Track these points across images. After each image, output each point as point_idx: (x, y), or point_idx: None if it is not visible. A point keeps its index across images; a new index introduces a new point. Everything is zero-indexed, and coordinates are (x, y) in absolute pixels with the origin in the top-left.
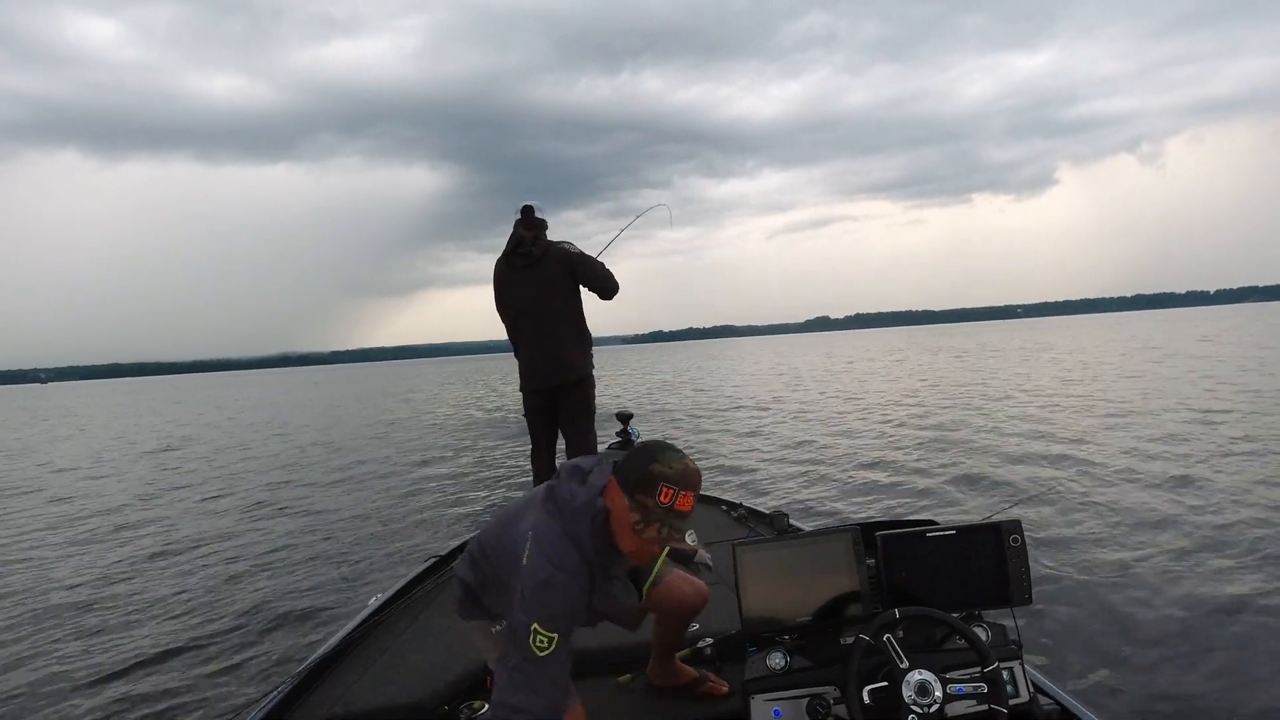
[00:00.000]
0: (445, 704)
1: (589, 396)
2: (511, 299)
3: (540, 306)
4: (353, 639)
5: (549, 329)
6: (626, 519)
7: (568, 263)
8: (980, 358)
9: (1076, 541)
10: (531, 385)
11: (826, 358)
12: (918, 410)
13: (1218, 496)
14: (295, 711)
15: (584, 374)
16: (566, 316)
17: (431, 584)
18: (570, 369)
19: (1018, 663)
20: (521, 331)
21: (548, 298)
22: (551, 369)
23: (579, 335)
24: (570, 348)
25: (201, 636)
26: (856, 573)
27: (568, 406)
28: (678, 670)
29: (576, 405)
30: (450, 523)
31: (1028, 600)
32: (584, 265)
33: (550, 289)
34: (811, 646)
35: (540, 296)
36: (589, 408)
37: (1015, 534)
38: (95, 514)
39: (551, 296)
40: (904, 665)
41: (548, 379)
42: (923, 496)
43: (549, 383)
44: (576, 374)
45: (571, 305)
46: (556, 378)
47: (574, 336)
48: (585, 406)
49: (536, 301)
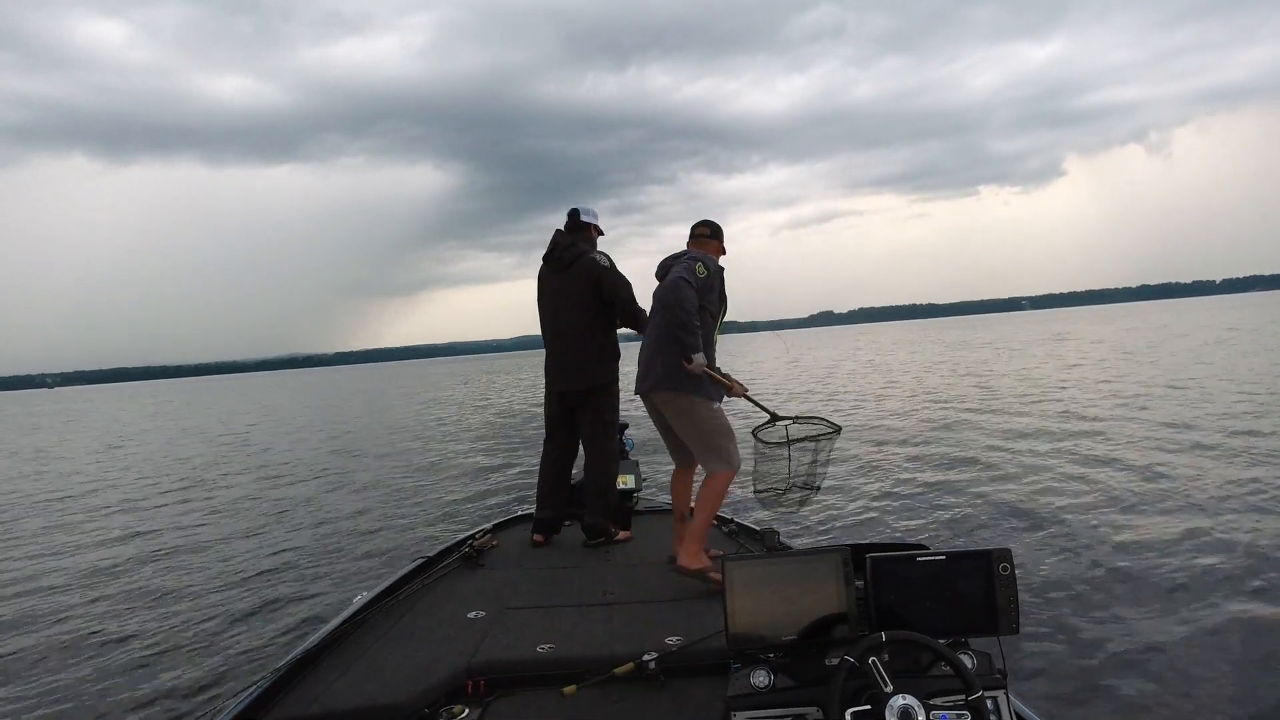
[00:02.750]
0: (426, 707)
1: (604, 407)
2: (542, 299)
3: (562, 310)
4: (335, 637)
5: (566, 334)
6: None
7: (594, 273)
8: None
9: (1069, 572)
10: (548, 386)
11: (852, 351)
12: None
13: (1231, 521)
14: (273, 709)
15: (599, 383)
16: (587, 324)
17: (418, 584)
18: (582, 376)
19: (1002, 692)
20: (545, 332)
21: (570, 303)
22: (564, 374)
23: (598, 344)
24: (586, 355)
25: (182, 632)
26: (844, 594)
27: (583, 414)
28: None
29: (590, 413)
30: (440, 524)
31: (1015, 630)
32: (609, 281)
33: (573, 295)
34: (796, 666)
35: (564, 301)
36: (604, 418)
37: (1005, 562)
38: (84, 511)
39: (573, 302)
40: (888, 689)
41: (560, 382)
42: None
43: (561, 386)
44: (588, 382)
45: (593, 314)
46: (568, 383)
47: (591, 344)
48: (599, 416)
49: (560, 305)
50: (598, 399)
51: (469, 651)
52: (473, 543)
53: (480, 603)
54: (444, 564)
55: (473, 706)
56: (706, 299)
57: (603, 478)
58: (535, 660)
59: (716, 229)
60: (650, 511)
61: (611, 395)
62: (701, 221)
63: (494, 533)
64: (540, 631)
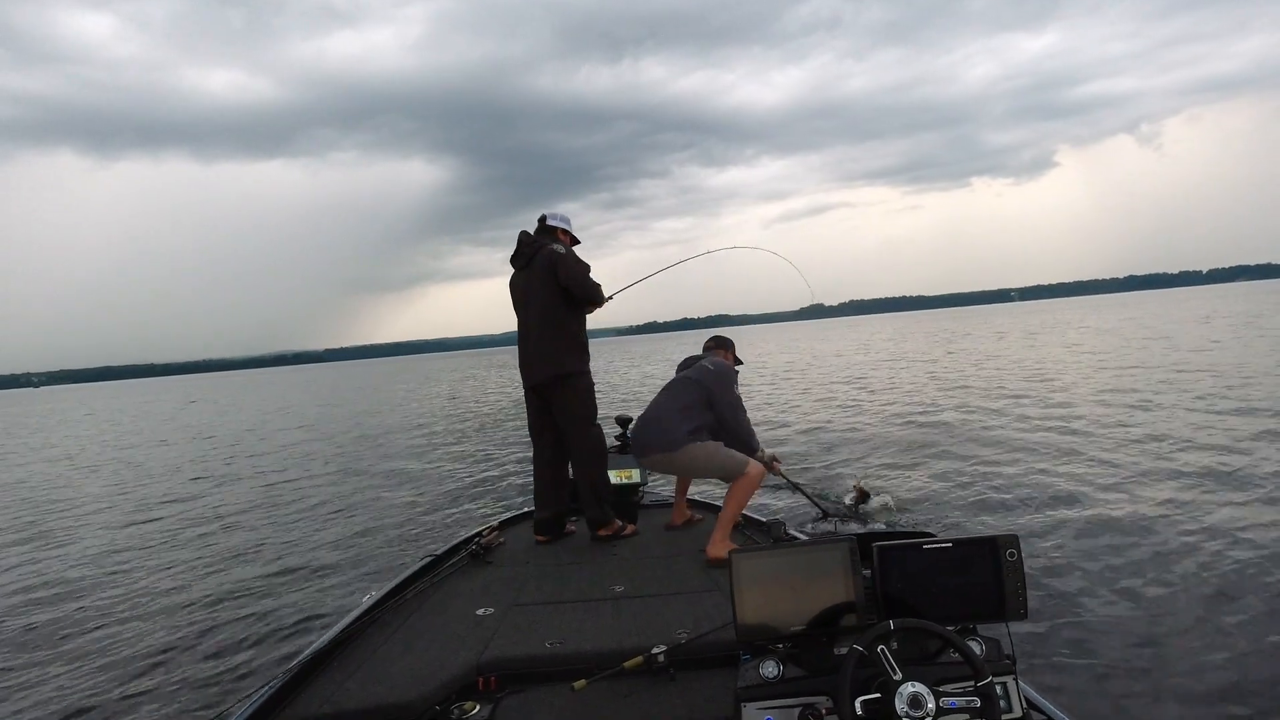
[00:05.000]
0: (437, 704)
1: (575, 398)
2: (514, 297)
3: (529, 303)
4: (344, 638)
5: (534, 326)
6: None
7: (552, 260)
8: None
9: (1075, 556)
10: (524, 384)
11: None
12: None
13: (1241, 507)
14: (284, 709)
15: (566, 371)
16: (551, 313)
17: (426, 583)
18: (548, 365)
19: (1011, 678)
20: (518, 328)
21: (535, 296)
22: (532, 367)
23: (562, 333)
24: (551, 345)
25: (190, 633)
26: (852, 583)
27: (557, 404)
28: (725, 544)
29: (562, 403)
30: (446, 523)
31: (1023, 615)
32: (564, 265)
33: (538, 287)
34: (805, 656)
35: (530, 294)
36: (578, 411)
37: (1012, 548)
38: (85, 511)
39: (539, 294)
40: (897, 677)
41: (530, 376)
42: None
43: (532, 379)
44: (555, 370)
45: (556, 304)
46: (536, 376)
47: (556, 333)
48: (572, 408)
49: (528, 299)
50: (567, 390)
51: (479, 648)
52: (479, 540)
53: (488, 600)
54: (451, 562)
55: (484, 703)
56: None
57: (589, 470)
58: (545, 656)
59: (723, 341)
60: (656, 505)
61: (581, 387)
62: (711, 337)
63: (500, 529)
64: (549, 627)
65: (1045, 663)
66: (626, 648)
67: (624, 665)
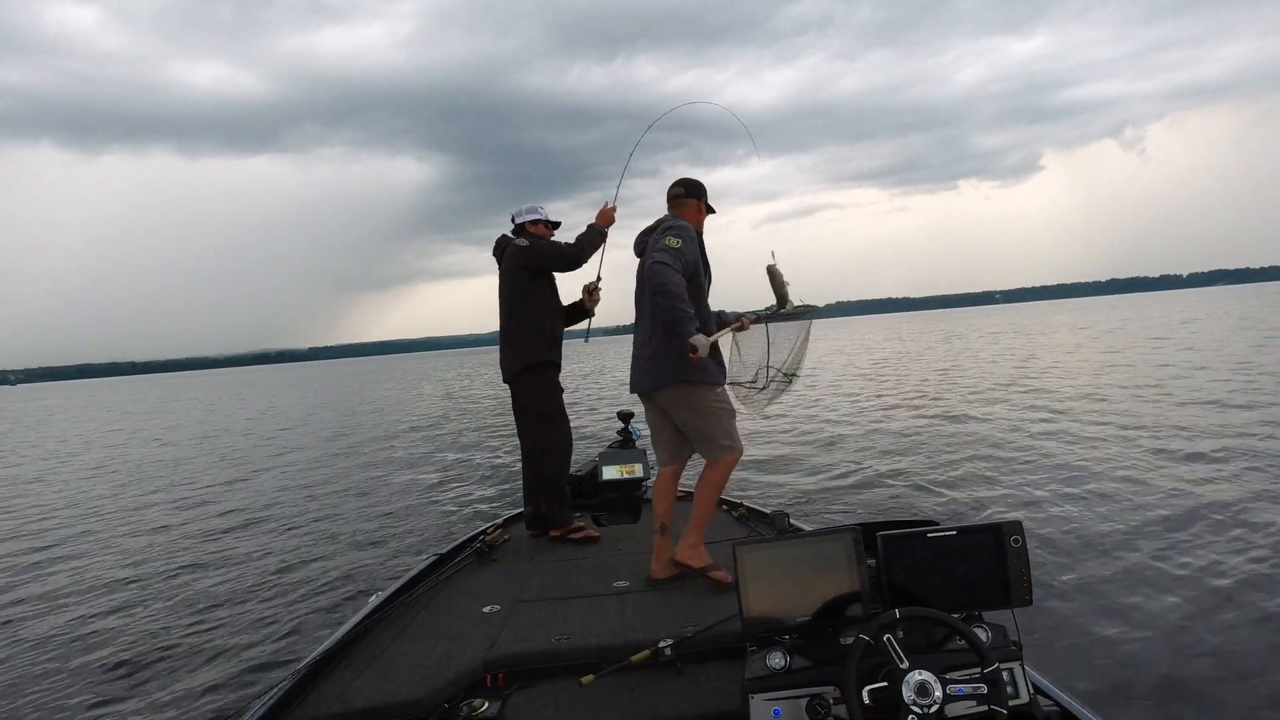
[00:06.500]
0: (445, 701)
1: (531, 393)
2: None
3: (501, 301)
4: (353, 636)
5: (503, 322)
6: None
7: (516, 257)
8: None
9: (1079, 542)
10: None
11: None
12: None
13: (1241, 492)
14: (295, 709)
15: (530, 362)
16: (511, 308)
17: (433, 581)
18: (509, 360)
19: (1018, 664)
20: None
21: (504, 293)
22: (502, 359)
23: (526, 326)
24: (511, 338)
25: (201, 633)
26: (857, 573)
27: (518, 399)
28: (699, 552)
29: (525, 398)
30: (453, 521)
31: (1028, 601)
32: (529, 254)
33: (507, 284)
34: (811, 646)
35: (501, 292)
36: (536, 406)
37: (1016, 535)
38: (82, 515)
39: (507, 291)
40: (904, 666)
41: (503, 370)
42: (930, 495)
43: (504, 374)
44: (517, 364)
45: (518, 297)
46: (505, 368)
47: (520, 327)
48: (528, 399)
49: (500, 297)
50: (531, 383)
51: (486, 645)
52: (484, 537)
53: (495, 597)
54: (457, 560)
55: (492, 699)
56: (692, 270)
57: (543, 468)
58: (552, 651)
59: (693, 186)
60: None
61: (541, 381)
62: (675, 182)
63: (505, 526)
64: (555, 623)
65: (1052, 648)
66: (633, 642)
67: (631, 659)
